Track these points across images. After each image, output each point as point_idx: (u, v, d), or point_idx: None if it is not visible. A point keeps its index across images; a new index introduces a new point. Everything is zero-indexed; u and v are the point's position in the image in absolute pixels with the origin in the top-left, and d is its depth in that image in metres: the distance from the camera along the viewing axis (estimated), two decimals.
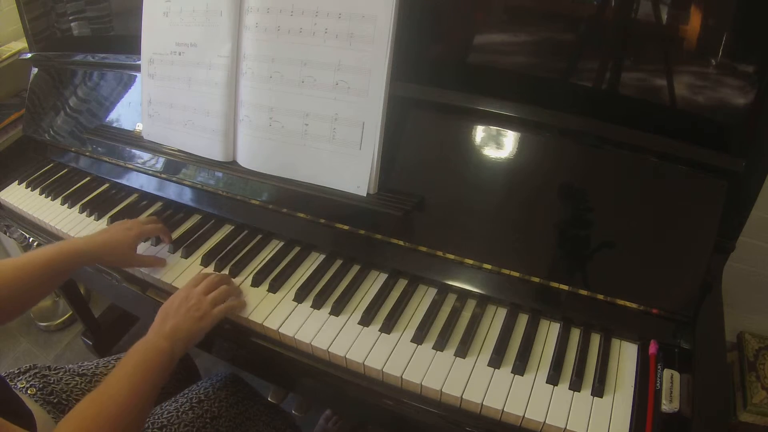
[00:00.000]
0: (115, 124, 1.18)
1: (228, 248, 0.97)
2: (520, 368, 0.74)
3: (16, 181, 1.26)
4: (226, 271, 0.91)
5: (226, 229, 1.03)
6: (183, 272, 0.93)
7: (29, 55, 1.33)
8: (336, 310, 0.83)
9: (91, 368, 0.94)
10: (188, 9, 0.97)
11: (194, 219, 1.06)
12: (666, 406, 0.67)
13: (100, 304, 1.85)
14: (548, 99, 0.79)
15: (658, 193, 0.76)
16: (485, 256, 0.82)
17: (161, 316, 0.78)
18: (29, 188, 1.23)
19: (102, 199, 1.15)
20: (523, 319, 0.81)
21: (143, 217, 1.00)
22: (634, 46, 0.79)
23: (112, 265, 0.96)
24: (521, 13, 0.84)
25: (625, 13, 0.77)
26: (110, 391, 0.65)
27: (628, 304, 0.76)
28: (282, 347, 0.81)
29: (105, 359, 0.98)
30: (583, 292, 0.78)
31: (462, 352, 0.76)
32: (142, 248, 0.98)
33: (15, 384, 0.84)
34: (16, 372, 0.86)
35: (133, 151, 1.11)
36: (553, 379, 0.72)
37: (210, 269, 0.93)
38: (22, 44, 1.66)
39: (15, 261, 0.79)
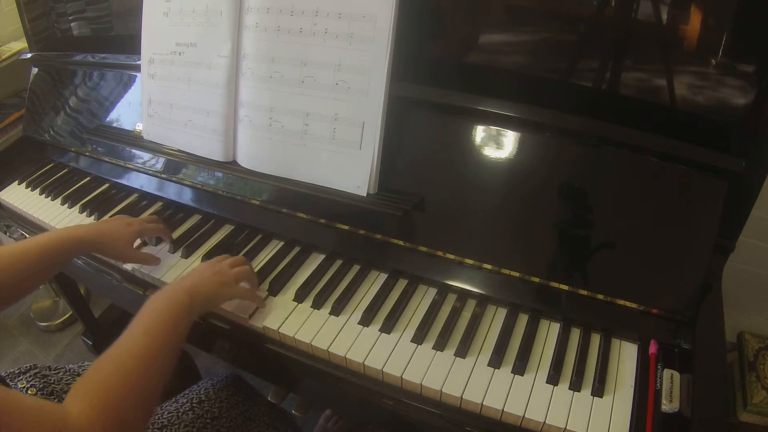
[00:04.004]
0: (115, 124, 1.18)
1: (228, 248, 0.97)
2: (520, 368, 0.74)
3: (16, 181, 1.26)
4: None
5: (226, 229, 1.03)
6: (183, 272, 0.93)
7: (29, 55, 1.33)
8: (336, 310, 0.83)
9: None
10: (188, 9, 0.97)
11: (194, 219, 1.06)
12: (666, 406, 0.67)
13: (100, 304, 1.85)
14: (548, 99, 0.79)
15: (658, 193, 0.76)
16: (485, 256, 0.82)
17: (183, 277, 0.78)
18: (29, 188, 1.23)
19: (102, 199, 1.15)
20: (523, 319, 0.81)
21: (145, 215, 1.00)
22: (634, 46, 0.79)
23: (107, 256, 0.95)
24: (521, 13, 0.85)
25: (625, 13, 0.77)
26: (126, 345, 0.63)
27: (628, 304, 0.76)
28: (282, 347, 0.81)
29: None
30: (583, 292, 0.78)
31: (462, 352, 0.76)
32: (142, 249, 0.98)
33: (15, 384, 0.84)
34: (16, 372, 0.86)
35: (133, 151, 1.11)
36: (553, 379, 0.72)
37: None
38: (22, 44, 1.67)
39: (12, 247, 0.78)
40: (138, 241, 0.97)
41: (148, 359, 0.62)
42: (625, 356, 0.76)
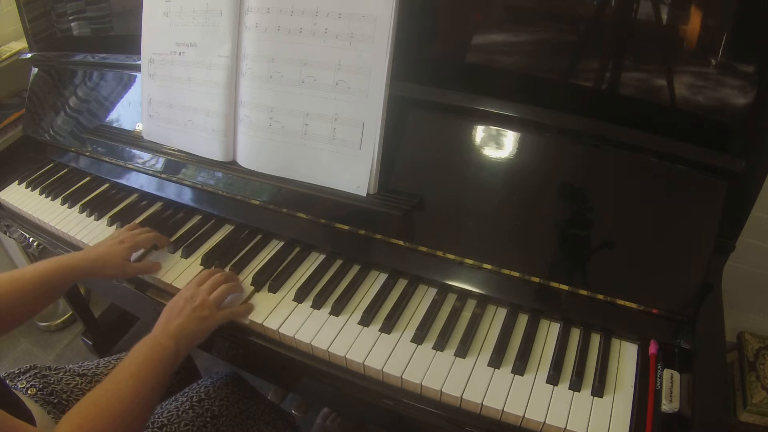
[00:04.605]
0: (115, 124, 1.18)
1: (228, 248, 0.97)
2: (520, 368, 0.74)
3: (16, 181, 1.26)
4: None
5: (226, 229, 1.03)
6: (183, 272, 0.93)
7: (29, 55, 1.33)
8: (336, 310, 0.83)
9: (91, 368, 0.94)
10: (188, 9, 0.97)
11: (194, 219, 1.06)
12: (666, 406, 0.67)
13: (100, 304, 1.85)
14: (548, 99, 0.79)
15: (658, 193, 0.76)
16: (485, 256, 0.82)
17: (166, 314, 0.78)
18: (29, 188, 1.23)
19: (102, 199, 1.15)
20: (523, 319, 0.81)
21: (136, 229, 0.99)
22: (634, 46, 0.79)
23: (107, 278, 0.95)
24: (521, 13, 0.84)
25: (625, 13, 0.77)
26: (114, 388, 0.65)
27: (628, 304, 0.76)
28: (282, 347, 0.81)
29: (105, 359, 0.98)
30: (583, 292, 0.78)
31: (462, 352, 0.76)
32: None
33: (15, 384, 0.84)
34: (16, 372, 0.87)
35: (133, 151, 1.11)
36: (553, 379, 0.72)
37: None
38: (22, 44, 1.66)
39: (8, 275, 0.79)
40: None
41: (133, 404, 0.65)
42: (625, 356, 0.76)
